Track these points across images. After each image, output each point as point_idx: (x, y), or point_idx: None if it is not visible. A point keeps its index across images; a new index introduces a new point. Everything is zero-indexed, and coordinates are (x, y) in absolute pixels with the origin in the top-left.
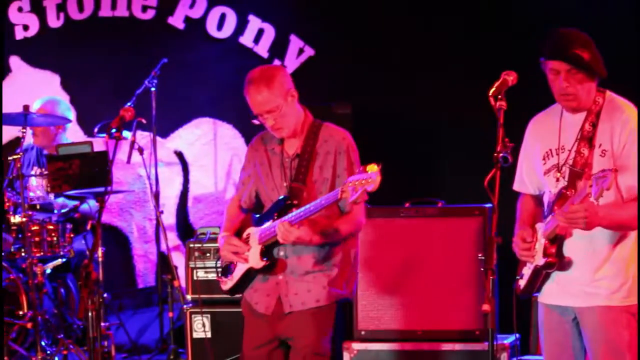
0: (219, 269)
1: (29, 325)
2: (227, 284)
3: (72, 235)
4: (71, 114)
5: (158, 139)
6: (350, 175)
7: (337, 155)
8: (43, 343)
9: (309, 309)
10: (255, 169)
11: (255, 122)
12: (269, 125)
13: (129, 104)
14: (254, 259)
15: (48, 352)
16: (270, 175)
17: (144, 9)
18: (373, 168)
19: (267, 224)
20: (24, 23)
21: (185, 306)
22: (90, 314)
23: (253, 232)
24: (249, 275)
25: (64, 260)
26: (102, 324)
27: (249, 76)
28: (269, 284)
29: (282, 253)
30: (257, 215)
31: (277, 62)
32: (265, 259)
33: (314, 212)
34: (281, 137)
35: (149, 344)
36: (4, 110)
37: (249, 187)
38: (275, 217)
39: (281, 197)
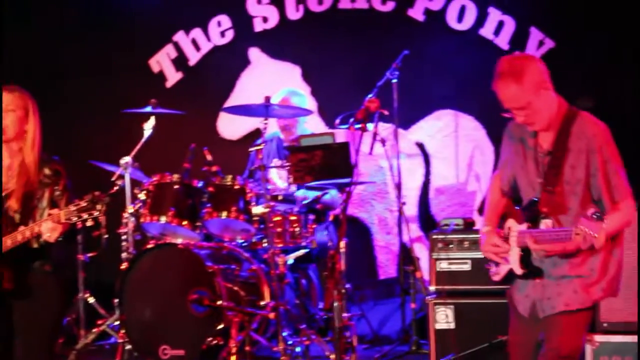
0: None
1: (271, 315)
2: (495, 277)
3: (314, 226)
4: (308, 106)
5: (399, 130)
6: (603, 175)
7: (590, 155)
8: (285, 333)
9: (559, 312)
10: (511, 156)
11: (506, 115)
12: (519, 120)
13: (370, 95)
14: (514, 263)
15: (289, 342)
16: (525, 168)
17: (384, 1)
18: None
19: (521, 227)
20: (263, 15)
21: (428, 297)
22: (335, 304)
23: (513, 229)
24: (512, 273)
25: (306, 251)
26: (344, 314)
27: (498, 68)
28: (528, 285)
29: (539, 260)
30: (517, 208)
31: None
32: (523, 266)
33: (552, 241)
34: (534, 131)
35: (390, 334)
36: (245, 102)
37: (507, 172)
38: (525, 221)
39: (533, 199)
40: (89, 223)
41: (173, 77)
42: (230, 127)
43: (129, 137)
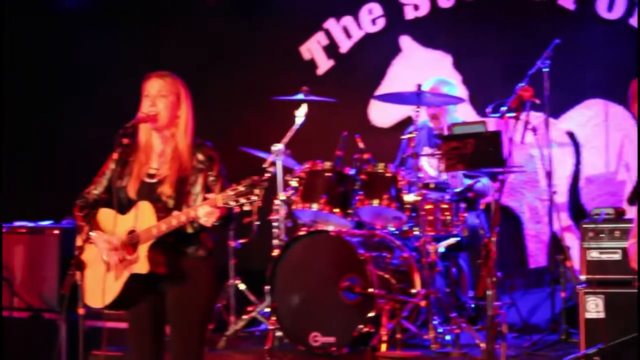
0: None
1: (422, 303)
2: None
3: (465, 215)
4: (458, 94)
5: (550, 119)
6: None
7: None
8: (435, 321)
9: None
10: None
11: None
12: None
13: (522, 84)
14: None
15: (440, 330)
16: None
17: None
18: None
19: None
20: (415, 3)
21: (578, 286)
22: (488, 292)
23: None
24: None
25: (457, 239)
26: (495, 303)
27: None
28: None
29: None
30: None
31: None
32: None
33: None
34: None
35: (539, 323)
36: (396, 90)
37: None
38: None
39: None
40: (247, 208)
41: (324, 64)
42: (382, 114)
43: (280, 124)
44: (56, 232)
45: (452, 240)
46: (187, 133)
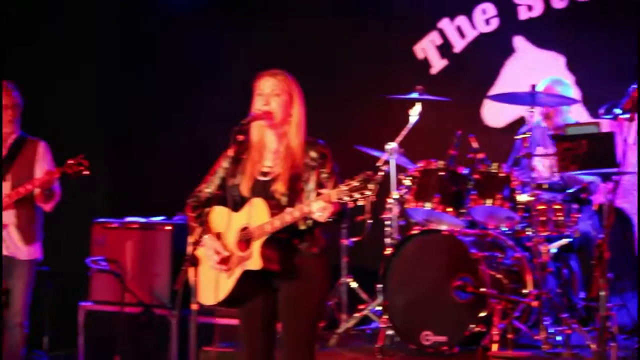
0: None
1: (534, 303)
2: None
3: (577, 216)
4: (572, 95)
5: None
6: None
7: None
8: (546, 322)
9: None
10: None
11: None
12: None
13: (634, 85)
14: None
15: (551, 331)
16: None
17: None
18: None
19: None
20: (528, 3)
21: None
22: (601, 293)
23: None
24: None
25: (569, 240)
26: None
27: None
28: None
29: None
30: None
31: None
32: None
33: None
34: None
35: None
36: (510, 90)
37: None
38: None
39: None
40: (360, 203)
41: (438, 63)
42: (495, 114)
43: (393, 123)
44: (168, 228)
45: (564, 241)
46: (299, 131)
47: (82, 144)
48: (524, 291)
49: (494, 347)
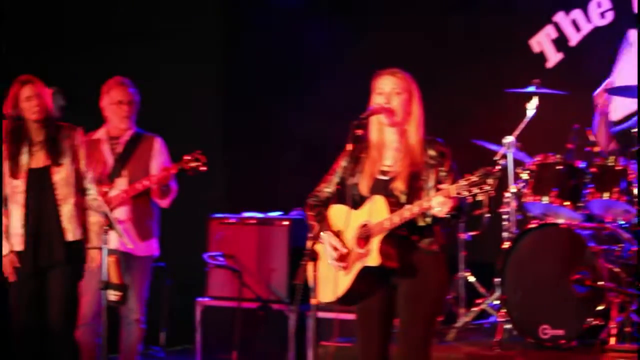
0: None
1: None
2: None
3: None
4: None
5: None
6: None
7: None
8: None
9: None
10: None
11: None
12: None
13: None
14: None
15: None
16: None
17: None
18: None
19: None
20: None
21: None
22: None
23: None
24: None
25: None
26: None
27: None
28: None
29: None
30: None
31: None
32: None
33: None
34: None
35: None
36: (628, 83)
37: None
38: None
39: None
40: (480, 198)
41: (553, 57)
42: (612, 108)
43: (511, 117)
44: (285, 223)
45: None
46: (419, 129)
47: (198, 140)
48: None
49: (612, 340)
